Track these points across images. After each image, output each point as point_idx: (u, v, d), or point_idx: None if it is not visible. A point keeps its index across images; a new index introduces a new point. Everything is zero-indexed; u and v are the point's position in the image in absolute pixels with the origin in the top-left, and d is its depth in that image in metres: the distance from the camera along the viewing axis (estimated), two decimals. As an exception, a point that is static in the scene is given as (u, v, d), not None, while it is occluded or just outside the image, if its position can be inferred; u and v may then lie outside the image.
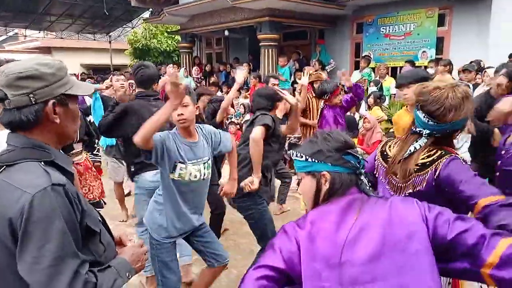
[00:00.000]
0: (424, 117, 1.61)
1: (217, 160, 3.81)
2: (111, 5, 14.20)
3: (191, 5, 9.55)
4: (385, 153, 1.79)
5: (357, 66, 9.70)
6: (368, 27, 9.31)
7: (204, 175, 2.36)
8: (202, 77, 11.06)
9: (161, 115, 1.98)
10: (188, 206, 2.38)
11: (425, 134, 1.63)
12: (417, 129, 1.66)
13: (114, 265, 1.23)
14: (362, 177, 1.24)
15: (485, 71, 5.88)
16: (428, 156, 1.60)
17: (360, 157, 1.25)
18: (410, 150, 1.65)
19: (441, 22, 8.16)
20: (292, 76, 8.99)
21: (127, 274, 1.26)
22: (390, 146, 1.80)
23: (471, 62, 6.46)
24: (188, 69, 11.10)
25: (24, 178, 1.09)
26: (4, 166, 1.13)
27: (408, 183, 1.64)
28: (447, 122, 1.56)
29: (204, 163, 2.35)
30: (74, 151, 3.23)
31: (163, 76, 11.44)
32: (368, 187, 1.24)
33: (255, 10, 8.67)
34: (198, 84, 10.17)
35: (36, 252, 1.03)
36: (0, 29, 18.82)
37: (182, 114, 2.21)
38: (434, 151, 1.61)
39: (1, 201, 1.08)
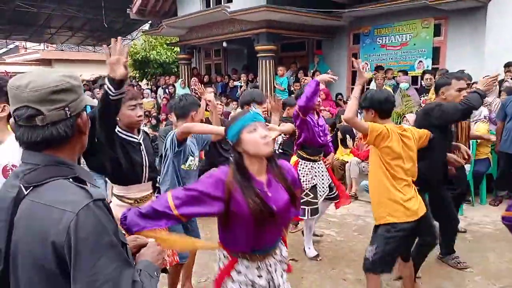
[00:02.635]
0: None
1: None
2: (111, 18, 14.37)
3: (190, 17, 9.65)
4: None
5: (354, 76, 9.77)
6: (365, 38, 9.40)
7: (196, 165, 3.00)
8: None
9: (211, 130, 2.81)
10: None
11: None
12: None
13: (143, 268, 1.21)
14: None
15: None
16: None
17: None
18: None
19: (437, 32, 8.24)
20: (291, 87, 9.06)
21: (155, 273, 1.25)
22: None
23: (458, 72, 6.45)
24: (186, 80, 11.17)
25: (59, 197, 1.03)
26: (31, 187, 1.06)
27: None
28: None
29: (197, 156, 3.02)
30: (144, 195, 2.53)
31: (162, 87, 11.53)
32: None
33: (253, 22, 8.76)
34: (196, 95, 10.22)
35: (91, 270, 0.99)
36: (1, 41, 19.00)
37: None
38: None
39: (39, 224, 1.02)
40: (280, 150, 4.48)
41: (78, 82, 1.16)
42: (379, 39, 9.11)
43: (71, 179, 1.10)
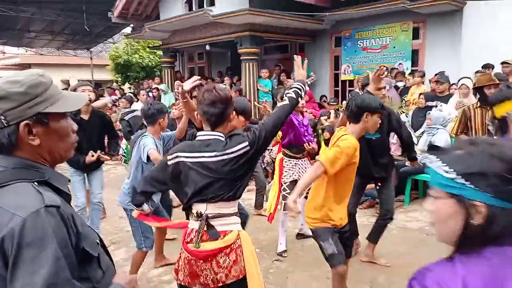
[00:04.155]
0: None
1: None
2: (92, 22, 14.18)
3: (172, 20, 9.63)
4: None
5: (336, 79, 9.91)
6: (346, 41, 9.55)
7: None
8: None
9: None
10: None
11: None
12: None
13: None
14: None
15: (462, 83, 6.08)
16: None
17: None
18: None
19: (415, 35, 8.44)
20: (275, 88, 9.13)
21: None
22: None
23: (436, 74, 6.62)
24: (170, 84, 11.13)
25: (14, 200, 1.01)
26: None
27: None
28: None
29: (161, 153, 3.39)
30: None
31: (145, 90, 11.45)
32: None
33: (236, 25, 8.81)
34: (179, 99, 10.19)
35: (27, 278, 0.93)
36: (-22, 46, 18.56)
37: None
38: None
39: None
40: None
41: (22, 89, 1.07)
42: (360, 42, 9.27)
43: (35, 183, 1.08)
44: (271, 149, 7.37)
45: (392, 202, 3.74)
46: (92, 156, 3.91)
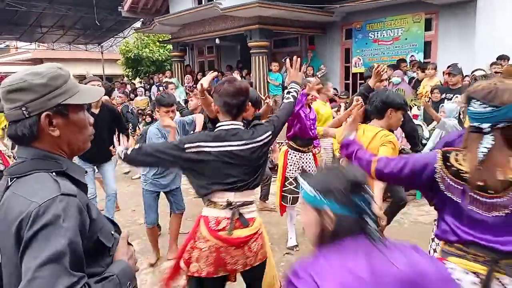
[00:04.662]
0: (480, 104, 1.45)
1: None
2: (102, 16, 14.27)
3: (182, 14, 9.63)
4: (453, 167, 1.54)
5: (347, 72, 9.83)
6: (357, 33, 9.45)
7: None
8: (194, 85, 11.11)
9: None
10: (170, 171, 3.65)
11: (486, 129, 1.46)
12: (475, 124, 1.49)
13: (117, 274, 1.12)
14: (370, 221, 1.11)
15: (474, 74, 5.98)
16: None
17: (370, 198, 1.14)
18: (482, 152, 1.45)
19: (428, 26, 8.31)
20: (285, 82, 9.08)
21: (128, 284, 1.14)
22: (457, 160, 1.54)
23: (448, 66, 6.52)
24: (180, 78, 11.16)
25: (32, 189, 1.05)
26: (15, 179, 1.09)
27: (506, 198, 1.44)
28: (504, 103, 1.41)
29: None
30: None
31: (156, 84, 11.51)
32: (376, 232, 1.11)
33: (245, 18, 8.77)
34: (190, 93, 10.21)
35: (30, 262, 0.95)
36: (-9, 41, 18.82)
37: None
38: None
39: (11, 213, 1.03)
40: None
41: (43, 81, 1.10)
42: (371, 34, 9.16)
43: (53, 173, 1.10)
44: (281, 143, 7.36)
45: (402, 191, 3.74)
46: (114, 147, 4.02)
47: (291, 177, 3.94)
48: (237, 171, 2.01)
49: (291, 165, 3.95)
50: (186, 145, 1.99)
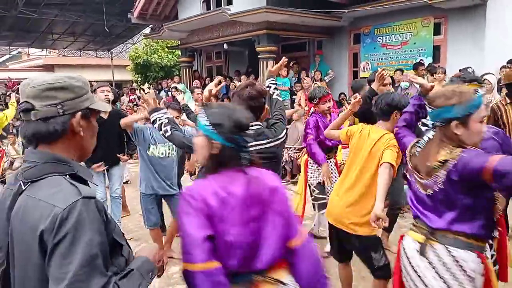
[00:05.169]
0: (428, 106, 1.82)
1: None
2: (112, 23, 14.45)
3: (190, 20, 9.72)
4: (410, 153, 1.96)
5: (355, 76, 9.80)
6: (365, 38, 9.43)
7: (164, 153, 3.62)
8: (202, 91, 11.16)
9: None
10: (160, 175, 3.64)
11: (431, 125, 1.82)
12: (427, 121, 1.88)
13: (137, 267, 1.18)
14: (245, 155, 1.48)
15: (485, 78, 5.92)
16: (447, 154, 1.72)
17: (248, 138, 1.51)
18: (422, 143, 1.86)
19: (437, 30, 8.26)
20: (293, 87, 9.09)
21: (150, 275, 1.21)
22: (413, 147, 1.95)
23: (460, 70, 6.47)
24: (188, 83, 11.23)
25: (52, 193, 1.06)
26: (29, 183, 1.10)
27: (431, 180, 1.77)
28: (438, 106, 1.74)
29: (169, 146, 3.62)
30: None
31: (164, 90, 11.60)
32: (247, 163, 1.49)
33: (253, 24, 8.81)
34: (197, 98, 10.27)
35: (64, 266, 0.99)
36: (4, 48, 19.14)
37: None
38: (451, 148, 1.72)
39: (31, 217, 1.04)
40: None
41: (80, 84, 1.18)
42: (380, 38, 9.14)
43: (67, 176, 1.13)
44: (290, 147, 7.36)
45: (400, 194, 3.69)
46: (99, 167, 4.07)
47: (312, 184, 3.94)
48: (265, 167, 2.05)
49: (311, 173, 3.95)
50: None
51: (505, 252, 2.07)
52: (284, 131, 2.34)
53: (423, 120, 1.94)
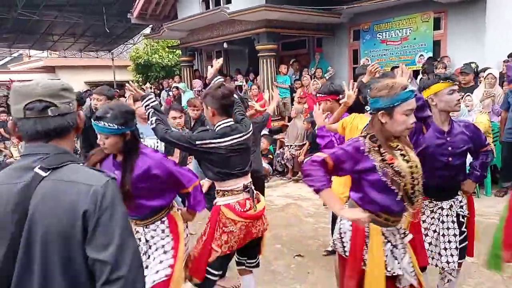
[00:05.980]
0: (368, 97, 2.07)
1: None
2: (112, 23, 14.47)
3: (190, 19, 9.72)
4: None
5: (355, 73, 9.76)
6: (364, 34, 9.41)
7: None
8: (203, 90, 11.17)
9: None
10: None
11: (369, 112, 2.03)
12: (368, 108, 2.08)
13: None
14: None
15: (489, 72, 5.90)
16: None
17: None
18: (363, 127, 2.17)
19: (436, 25, 8.24)
20: (293, 85, 9.10)
21: None
22: None
23: (464, 65, 6.46)
24: (189, 83, 11.24)
25: (84, 175, 1.22)
26: (51, 170, 1.20)
27: None
28: (371, 97, 1.97)
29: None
30: None
31: (165, 90, 11.62)
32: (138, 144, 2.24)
33: (253, 22, 8.80)
34: (199, 96, 10.28)
35: (109, 233, 1.16)
36: (5, 50, 19.20)
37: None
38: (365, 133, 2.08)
39: (67, 197, 1.17)
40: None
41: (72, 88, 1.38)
42: (379, 34, 9.12)
43: (81, 164, 1.29)
44: (291, 145, 7.37)
45: None
46: None
47: None
48: (240, 158, 2.45)
49: None
50: (197, 142, 2.33)
51: (472, 230, 2.51)
52: (251, 126, 2.58)
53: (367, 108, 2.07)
